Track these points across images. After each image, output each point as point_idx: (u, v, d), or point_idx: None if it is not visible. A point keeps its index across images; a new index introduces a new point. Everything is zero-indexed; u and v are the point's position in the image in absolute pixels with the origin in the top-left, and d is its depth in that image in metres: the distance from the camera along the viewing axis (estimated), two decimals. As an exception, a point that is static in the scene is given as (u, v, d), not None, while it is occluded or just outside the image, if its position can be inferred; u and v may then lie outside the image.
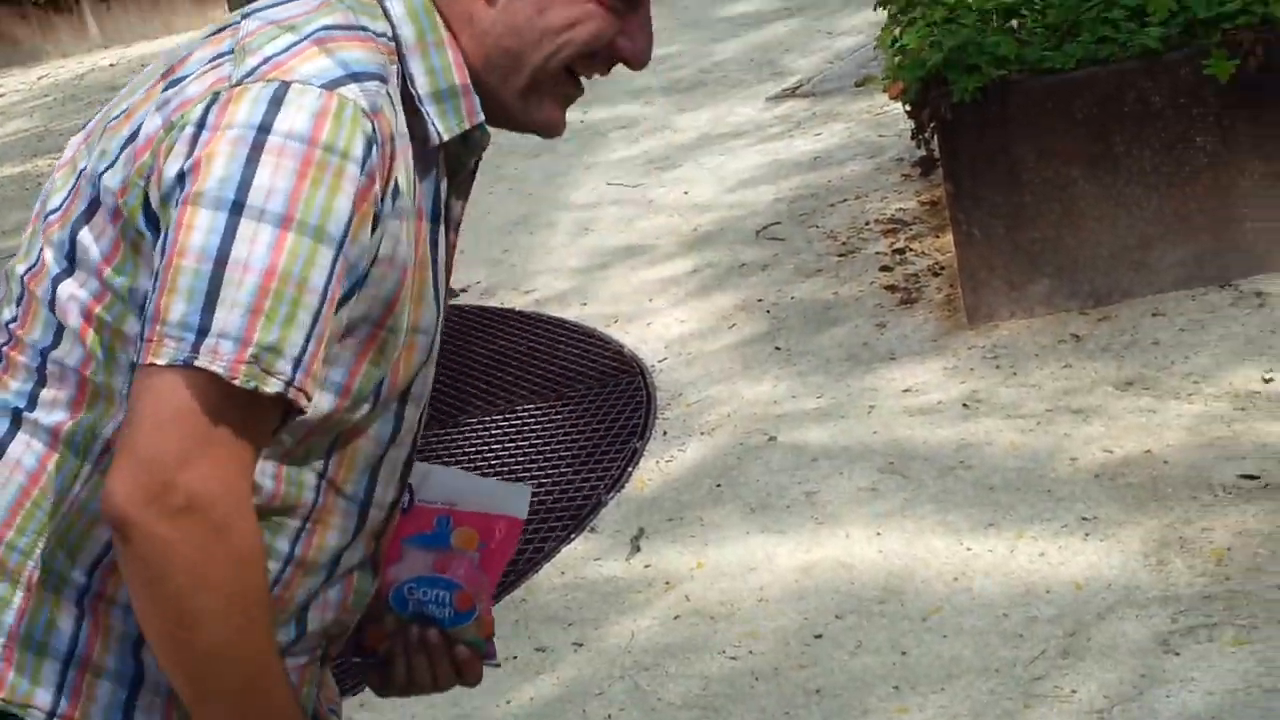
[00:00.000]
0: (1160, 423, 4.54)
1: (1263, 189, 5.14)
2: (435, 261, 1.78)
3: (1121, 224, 5.19)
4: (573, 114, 1.85)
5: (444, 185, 1.79)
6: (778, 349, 5.52)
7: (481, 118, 1.76)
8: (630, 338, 5.88)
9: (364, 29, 1.70)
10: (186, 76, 1.69)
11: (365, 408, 1.75)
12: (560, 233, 7.18)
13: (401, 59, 1.72)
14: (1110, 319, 5.17)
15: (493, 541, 2.03)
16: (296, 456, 1.73)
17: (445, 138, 1.74)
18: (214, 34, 1.75)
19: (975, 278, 5.28)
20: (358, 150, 1.60)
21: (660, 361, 5.64)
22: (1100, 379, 4.85)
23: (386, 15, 1.73)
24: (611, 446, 5.08)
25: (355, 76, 1.64)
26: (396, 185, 1.67)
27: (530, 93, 1.77)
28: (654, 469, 4.92)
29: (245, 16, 1.73)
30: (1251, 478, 4.19)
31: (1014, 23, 5.46)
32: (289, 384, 1.58)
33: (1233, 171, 5.14)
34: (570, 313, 6.22)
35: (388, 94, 1.67)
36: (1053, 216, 5.19)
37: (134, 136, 1.68)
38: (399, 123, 1.68)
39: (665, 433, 5.13)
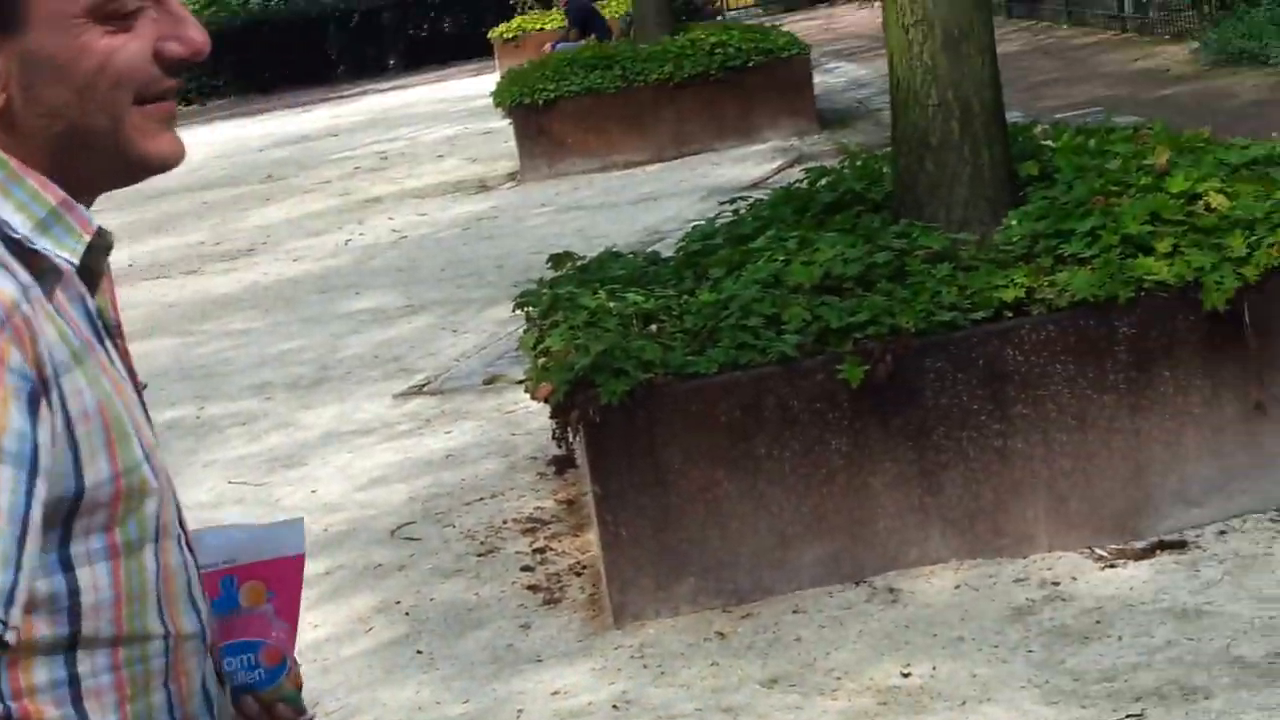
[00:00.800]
0: (807, 719, 4.59)
1: (893, 489, 5.34)
2: (123, 378, 1.66)
3: (763, 523, 5.31)
4: (186, 409, 1.79)
5: (91, 303, 1.65)
6: (419, 653, 5.41)
7: (96, 223, 1.62)
8: (264, 642, 5.68)
9: None
10: None
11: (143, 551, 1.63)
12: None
13: None
14: (753, 616, 5.24)
15: (281, 587, 1.94)
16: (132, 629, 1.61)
17: (76, 263, 1.60)
18: None
19: (622, 578, 5.31)
20: None
21: (297, 667, 5.45)
22: (747, 677, 4.89)
23: None
24: (251, 757, 4.86)
25: None
26: (49, 348, 1.52)
27: (121, 148, 1.63)
28: (296, 781, 4.72)
29: None
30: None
31: (654, 327, 5.59)
32: (4, 625, 1.43)
33: (865, 473, 5.32)
34: (200, 617, 5.99)
35: None
36: (698, 517, 5.28)
37: None
38: (18, 281, 1.52)
39: (306, 743, 4.94)
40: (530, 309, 6.16)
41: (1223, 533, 5.37)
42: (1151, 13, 21.37)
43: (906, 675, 4.75)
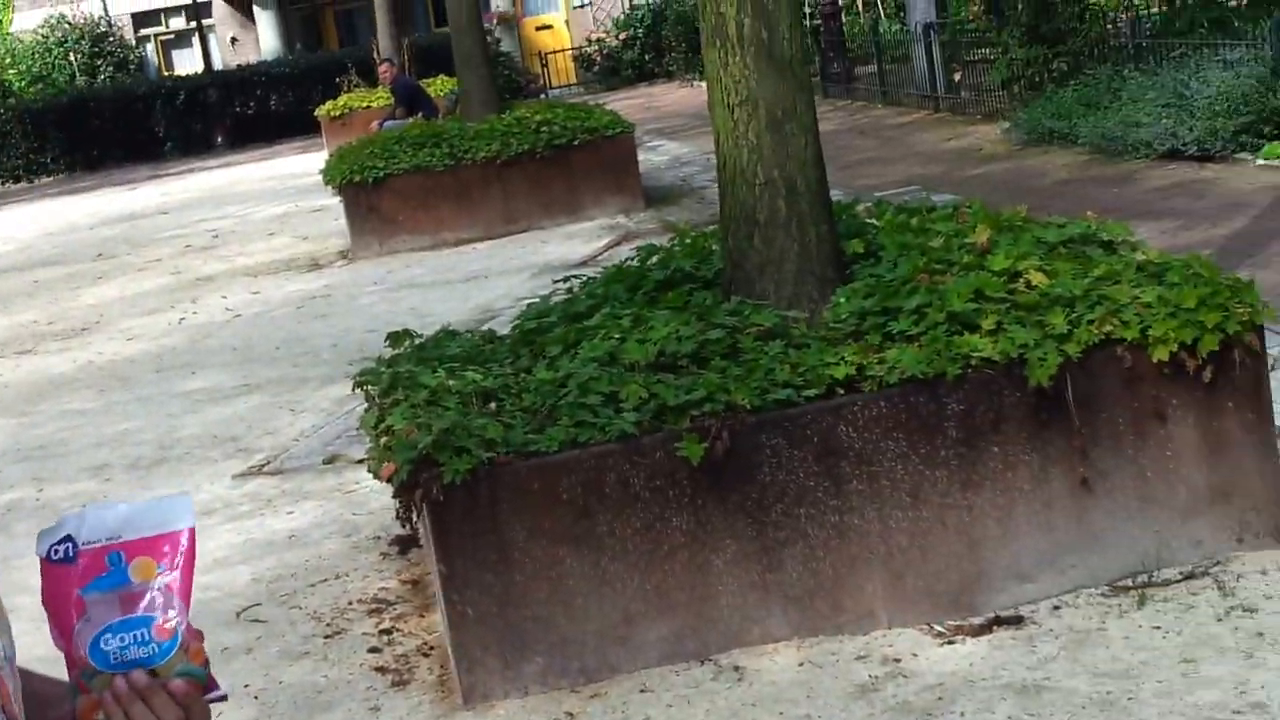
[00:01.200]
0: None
1: (734, 566, 5.43)
2: None
3: (607, 601, 5.37)
4: (25, 491, 1.85)
5: None
6: (269, 735, 5.41)
7: None
8: (109, 728, 5.63)
9: None
10: None
11: None
12: (23, 619, 6.83)
13: None
14: (601, 696, 5.29)
15: (171, 562, 1.95)
16: None
17: None
18: None
19: (470, 658, 5.34)
20: None
21: (145, 752, 5.41)
22: (596, 756, 4.94)
23: None
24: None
25: None
26: None
27: None
28: None
29: None
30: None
31: (493, 405, 5.65)
32: None
33: (707, 550, 5.41)
34: (42, 704, 5.92)
35: None
36: (543, 595, 5.34)
37: None
38: None
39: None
40: (370, 388, 6.17)
41: (1057, 608, 5.50)
42: (963, 93, 21.96)
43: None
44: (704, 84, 6.37)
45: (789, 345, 5.71)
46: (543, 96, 30.53)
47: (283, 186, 24.14)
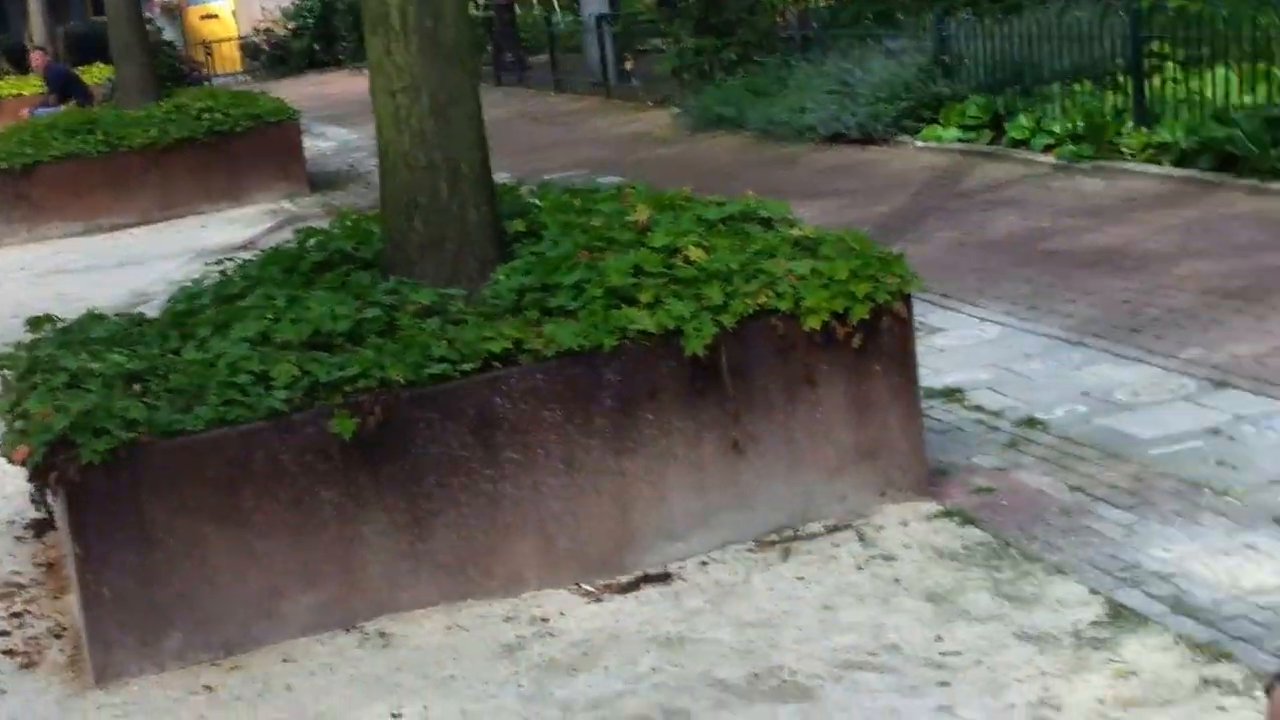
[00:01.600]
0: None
1: (385, 537, 5.37)
2: None
3: (253, 576, 5.25)
4: None
5: None
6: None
7: None
8: None
9: None
10: None
11: None
12: None
13: None
14: (243, 668, 5.17)
15: None
16: None
17: None
18: None
19: (105, 637, 5.15)
20: None
21: None
22: (234, 729, 4.80)
23: None
24: None
25: None
26: None
27: None
28: None
29: None
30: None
31: (138, 387, 5.45)
32: None
33: (358, 522, 5.33)
34: None
35: None
36: (186, 572, 5.18)
37: None
38: None
39: None
40: (6, 372, 5.92)
41: (704, 564, 5.60)
42: (635, 81, 22.25)
43: (398, 716, 4.77)
44: (372, 72, 6.26)
45: (447, 322, 5.68)
46: (205, 84, 29.93)
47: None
